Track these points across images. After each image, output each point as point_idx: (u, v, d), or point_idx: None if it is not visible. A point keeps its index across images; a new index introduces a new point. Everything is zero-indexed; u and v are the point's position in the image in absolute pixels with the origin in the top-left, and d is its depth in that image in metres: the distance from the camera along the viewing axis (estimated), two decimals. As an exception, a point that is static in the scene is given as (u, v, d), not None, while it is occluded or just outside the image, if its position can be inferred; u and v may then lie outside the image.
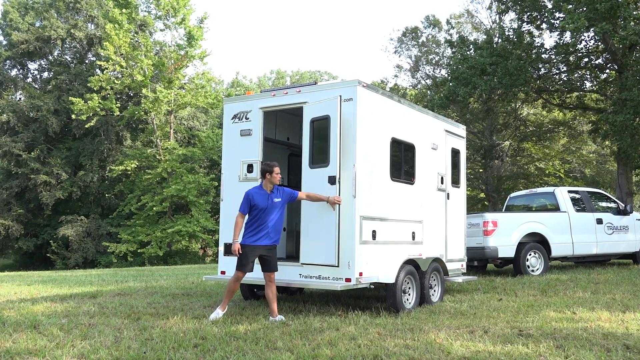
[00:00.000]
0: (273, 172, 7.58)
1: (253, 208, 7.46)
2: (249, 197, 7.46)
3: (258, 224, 7.48)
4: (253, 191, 7.54)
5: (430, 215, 9.53)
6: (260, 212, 7.47)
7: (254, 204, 7.44)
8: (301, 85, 8.54)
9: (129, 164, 32.55)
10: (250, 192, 7.50)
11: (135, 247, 31.91)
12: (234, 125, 8.97)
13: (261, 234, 7.48)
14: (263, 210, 7.47)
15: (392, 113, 8.74)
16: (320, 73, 61.90)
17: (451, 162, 10.38)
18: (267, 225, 7.50)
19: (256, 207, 7.45)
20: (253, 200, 7.44)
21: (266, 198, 7.52)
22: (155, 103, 32.16)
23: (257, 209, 7.46)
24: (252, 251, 7.48)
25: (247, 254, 7.46)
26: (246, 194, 7.50)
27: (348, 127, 7.80)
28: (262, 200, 7.48)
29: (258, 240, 7.48)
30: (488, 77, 23.60)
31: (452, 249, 10.12)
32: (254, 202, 7.44)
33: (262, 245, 7.50)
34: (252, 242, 7.47)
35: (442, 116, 10.69)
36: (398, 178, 8.74)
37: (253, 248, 7.47)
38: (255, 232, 7.48)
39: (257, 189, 7.59)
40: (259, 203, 7.46)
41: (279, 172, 7.65)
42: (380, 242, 8.15)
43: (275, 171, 7.59)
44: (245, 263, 7.46)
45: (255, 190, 7.56)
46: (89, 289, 11.79)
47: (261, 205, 7.46)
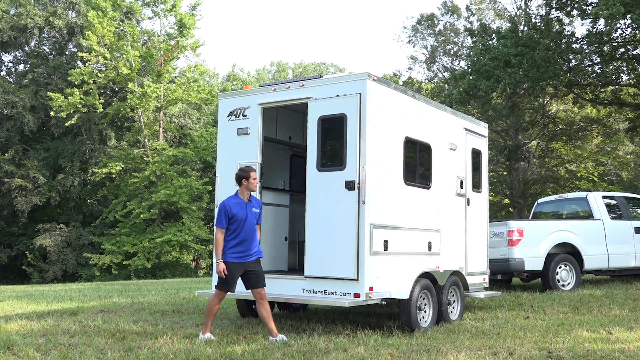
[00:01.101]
0: (250, 177, 7.47)
1: (232, 220, 7.35)
2: (226, 208, 7.34)
3: (241, 238, 7.39)
4: (229, 201, 7.41)
5: (448, 224, 9.51)
6: (240, 224, 7.38)
7: (232, 216, 7.33)
8: (305, 79, 8.55)
9: (114, 166, 32.64)
10: (226, 203, 7.38)
11: (120, 259, 31.96)
12: (230, 123, 8.98)
13: (245, 248, 7.42)
14: (243, 221, 7.38)
15: (406, 110, 8.74)
16: (325, 65, 61.99)
17: (472, 164, 10.36)
18: (249, 238, 7.43)
19: (235, 218, 7.35)
20: (231, 212, 7.33)
21: (244, 207, 7.44)
22: (142, 99, 32.26)
23: (236, 221, 7.36)
24: (238, 269, 7.43)
25: (233, 273, 7.40)
26: (222, 206, 7.38)
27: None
28: (241, 211, 7.39)
29: (244, 257, 7.42)
30: (513, 69, 23.58)
31: (473, 261, 10.10)
32: (232, 214, 7.33)
33: (249, 261, 7.46)
34: (236, 259, 7.40)
35: (462, 113, 10.68)
36: (412, 182, 8.74)
37: (238, 265, 7.42)
38: (238, 248, 7.40)
39: (233, 199, 7.49)
40: (238, 214, 7.36)
41: (256, 177, 7.58)
42: (393, 253, 8.15)
43: (252, 176, 7.49)
44: (231, 282, 7.40)
45: (231, 201, 7.44)
46: (69, 305, 11.81)
47: (240, 216, 7.37)
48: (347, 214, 7.73)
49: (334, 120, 8.01)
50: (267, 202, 9.18)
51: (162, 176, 33.14)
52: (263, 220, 8.81)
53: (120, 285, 19.38)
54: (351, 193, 7.71)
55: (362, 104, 7.82)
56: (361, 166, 7.73)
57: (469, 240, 10.06)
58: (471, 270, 10.03)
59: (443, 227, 9.36)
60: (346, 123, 7.85)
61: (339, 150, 7.96)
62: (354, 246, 7.63)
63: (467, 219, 10.08)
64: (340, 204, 7.79)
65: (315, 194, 8.02)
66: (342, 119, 7.88)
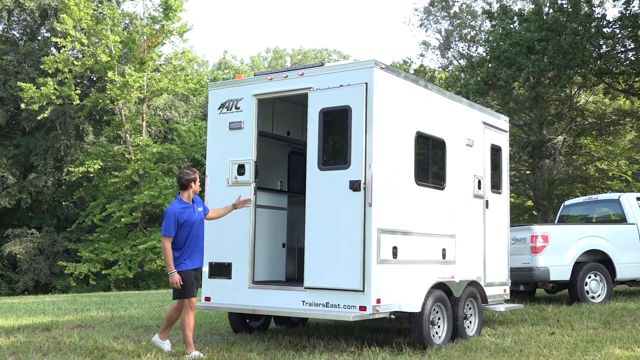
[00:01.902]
0: (197, 179, 7.93)
1: (182, 227, 7.73)
2: (176, 215, 7.68)
3: (192, 243, 7.81)
4: (176, 209, 7.74)
5: (464, 228, 9.51)
6: (190, 229, 7.78)
7: (182, 222, 7.71)
8: (305, 67, 8.55)
9: (92, 164, 32.67)
10: (174, 211, 7.71)
11: (98, 268, 32.00)
12: (222, 117, 8.99)
13: (193, 254, 7.84)
14: (192, 226, 7.79)
15: (418, 101, 8.74)
16: (328, 52, 62.01)
17: (491, 162, 10.37)
18: (198, 242, 7.87)
19: (186, 224, 7.74)
20: (182, 218, 7.71)
21: (192, 211, 7.86)
22: (123, 89, 32.30)
23: (187, 227, 7.75)
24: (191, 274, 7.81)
25: (189, 278, 7.75)
26: (170, 213, 7.70)
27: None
28: (190, 215, 7.80)
29: (196, 262, 7.86)
30: (536, 56, 23.57)
31: (492, 270, 10.10)
32: (182, 220, 7.71)
33: (195, 268, 7.87)
34: (191, 265, 7.80)
35: (480, 105, 10.68)
36: (425, 182, 8.74)
37: (191, 272, 7.81)
38: (190, 253, 7.80)
39: (179, 204, 7.84)
40: (188, 219, 7.75)
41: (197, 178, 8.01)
42: (403, 261, 8.15)
43: (198, 179, 7.98)
44: (191, 288, 7.75)
45: (178, 207, 7.78)
46: (42, 320, 11.82)
47: (190, 220, 7.77)
48: (351, 218, 7.72)
49: (337, 113, 8.01)
50: (263, 204, 9.18)
51: (145, 175, 33.18)
52: (258, 224, 8.84)
53: (99, 297, 19.40)
54: (356, 194, 7.71)
55: (368, 95, 7.82)
56: (367, 164, 7.73)
57: (488, 247, 10.06)
58: (490, 281, 10.02)
59: (459, 232, 9.36)
60: (351, 116, 7.85)
61: (343, 147, 7.96)
62: (359, 254, 7.63)
63: (486, 223, 10.07)
64: (344, 206, 7.78)
65: (316, 195, 8.01)
66: (346, 112, 7.88)
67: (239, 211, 8.59)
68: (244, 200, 8.42)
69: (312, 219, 8.01)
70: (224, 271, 8.68)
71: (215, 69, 53.44)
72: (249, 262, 8.53)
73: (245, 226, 8.59)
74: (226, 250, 8.72)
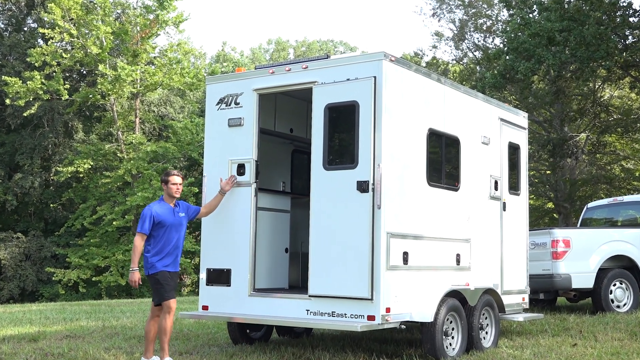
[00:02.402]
0: (169, 182, 7.99)
1: (157, 226, 7.85)
2: (151, 213, 7.83)
3: (163, 245, 7.87)
4: (154, 206, 7.92)
5: (480, 232, 9.51)
6: (166, 231, 7.88)
7: (158, 222, 7.83)
8: (309, 60, 8.56)
9: (81, 163, 32.73)
10: (151, 208, 7.88)
11: (88, 274, 32.06)
12: (220, 113, 9.01)
13: (170, 257, 7.90)
14: (169, 228, 7.89)
15: (430, 96, 8.74)
16: (334, 43, 62.02)
17: (508, 161, 10.36)
18: (174, 246, 7.94)
19: (162, 224, 7.85)
20: (158, 217, 7.82)
21: (171, 213, 7.97)
22: (115, 84, 32.37)
23: (162, 227, 7.86)
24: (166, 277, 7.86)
25: (168, 280, 7.84)
26: (145, 210, 7.86)
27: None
28: (167, 216, 7.91)
29: (168, 266, 7.88)
30: (557, 47, 23.53)
31: (509, 277, 10.09)
32: (159, 219, 7.82)
33: (171, 271, 7.92)
34: (167, 267, 7.88)
35: (496, 100, 10.67)
36: (437, 182, 8.74)
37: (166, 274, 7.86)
38: (168, 256, 7.88)
39: (159, 203, 8.00)
40: (165, 219, 7.88)
41: (177, 182, 8.02)
42: (414, 267, 8.15)
43: (172, 181, 8.00)
44: (169, 289, 7.83)
45: (157, 205, 7.94)
46: (28, 330, 11.85)
47: (167, 221, 7.88)
48: (359, 221, 7.73)
49: (343, 109, 8.02)
50: (264, 206, 9.19)
51: (139, 176, 33.23)
52: (259, 228, 8.84)
53: (89, 306, 19.44)
54: (364, 196, 7.72)
55: (377, 89, 7.82)
56: (376, 164, 7.73)
57: (505, 252, 10.05)
58: (508, 288, 10.01)
59: (474, 237, 9.35)
60: (358, 112, 7.85)
61: (350, 145, 7.96)
62: (367, 259, 7.63)
63: (503, 226, 10.07)
64: (351, 208, 7.79)
65: (321, 196, 8.02)
66: (354, 108, 7.89)
67: (238, 214, 8.60)
68: (229, 180, 8.56)
69: (317, 222, 8.01)
70: (223, 278, 8.70)
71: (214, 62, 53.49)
72: (249, 269, 8.53)
73: (246, 230, 8.60)
74: (225, 256, 8.73)
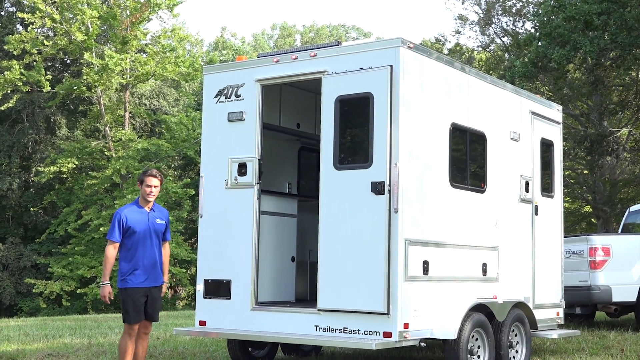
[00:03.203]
0: (144, 182, 7.85)
1: (128, 233, 7.74)
2: (120, 217, 7.74)
3: (136, 256, 7.77)
4: (126, 210, 7.85)
5: (509, 239, 9.50)
6: (139, 239, 7.75)
7: (129, 227, 7.72)
8: (318, 47, 8.57)
9: (65, 163, 32.77)
10: (121, 212, 7.80)
11: (73, 286, 32.08)
12: (219, 107, 9.02)
13: (144, 272, 7.78)
14: (142, 235, 7.76)
15: (453, 87, 8.73)
16: (345, 29, 62.03)
17: (541, 160, 10.35)
18: (153, 257, 7.82)
19: (133, 230, 7.73)
20: (127, 222, 7.72)
21: (145, 218, 7.84)
22: (102, 74, 32.40)
23: (134, 235, 7.74)
24: (142, 294, 7.78)
25: (136, 300, 7.74)
26: (116, 215, 7.77)
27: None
28: (140, 222, 7.79)
29: (147, 281, 7.80)
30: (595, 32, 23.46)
31: (542, 289, 10.07)
32: (129, 225, 7.72)
33: (153, 287, 7.86)
34: (139, 283, 7.77)
35: (527, 91, 10.65)
36: (461, 183, 8.74)
37: (141, 291, 7.77)
38: (139, 269, 7.77)
39: (131, 206, 7.89)
40: (137, 225, 7.76)
41: (152, 184, 7.85)
42: (435, 278, 8.14)
43: (147, 182, 7.84)
44: (137, 311, 7.75)
45: (129, 209, 7.85)
46: (6, 348, 11.88)
47: (140, 228, 7.76)
48: (374, 226, 7.73)
49: (356, 102, 8.03)
50: (268, 210, 9.19)
51: (128, 176, 33.27)
52: (263, 234, 8.83)
53: (74, 321, 19.48)
54: (379, 198, 7.72)
55: (393, 79, 7.82)
56: (393, 163, 7.73)
57: (538, 261, 10.03)
58: (540, 302, 9.99)
59: (502, 244, 9.34)
60: (373, 105, 7.86)
61: (364, 142, 7.97)
62: (383, 269, 7.63)
63: (535, 232, 10.05)
64: (364, 212, 7.79)
65: (331, 199, 8.03)
66: (368, 100, 7.89)
67: (239, 219, 8.62)
68: None
69: (327, 227, 8.02)
70: (222, 290, 8.71)
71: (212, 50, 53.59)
72: (251, 280, 8.54)
73: (247, 236, 8.61)
74: (224, 266, 8.75)
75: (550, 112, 10.79)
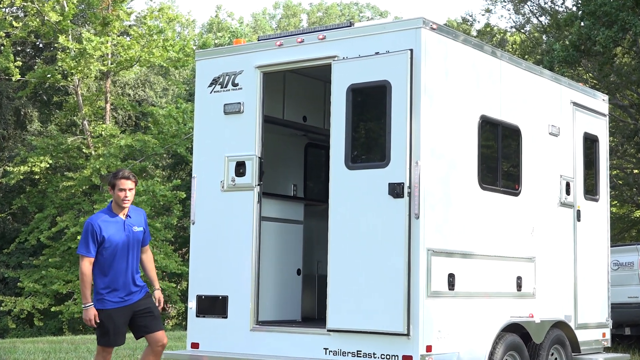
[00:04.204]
0: (116, 185, 7.67)
1: (104, 246, 7.61)
2: (93, 228, 7.60)
3: (113, 272, 7.65)
4: (99, 219, 7.69)
5: (547, 249, 9.49)
6: (116, 252, 7.64)
7: (102, 239, 7.59)
8: (327, 29, 8.58)
9: (37, 162, 32.80)
10: (93, 222, 7.66)
11: (46, 304, 32.11)
12: (214, 97, 9.05)
13: (127, 287, 7.68)
14: (119, 248, 7.65)
15: (482, 74, 8.74)
16: (358, 7, 62.03)
17: (584, 158, 10.34)
18: (131, 270, 7.72)
19: (108, 243, 7.60)
20: (102, 232, 7.59)
21: (121, 227, 7.72)
22: (80, 60, 32.46)
23: (110, 247, 7.62)
24: (123, 314, 7.68)
25: (115, 321, 7.64)
26: (87, 225, 7.63)
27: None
28: (115, 232, 7.66)
29: (127, 299, 7.70)
30: (647, 11, 23.42)
31: (586, 306, 10.06)
32: (103, 235, 7.59)
33: (136, 301, 7.75)
34: (118, 303, 7.65)
35: (568, 79, 10.64)
36: (492, 185, 8.74)
37: (121, 311, 7.67)
38: (113, 287, 7.65)
39: (104, 214, 7.77)
40: (113, 237, 7.63)
41: (126, 187, 7.66)
42: (462, 293, 8.15)
43: (119, 185, 7.65)
44: (115, 332, 7.66)
45: (101, 218, 7.72)
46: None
47: (117, 239, 7.64)
48: (391, 234, 7.73)
49: (371, 91, 8.05)
50: (270, 216, 9.20)
51: (110, 177, 33.30)
52: (264, 243, 8.83)
53: (48, 344, 19.51)
54: (398, 202, 7.71)
55: (414, 65, 7.81)
56: (413, 161, 7.73)
57: (580, 274, 10.02)
58: (584, 321, 9.98)
59: (540, 255, 9.33)
60: (390, 95, 7.85)
61: (379, 137, 7.98)
62: (402, 284, 7.62)
63: (577, 241, 10.04)
64: (381, 218, 7.80)
65: (343, 203, 8.04)
66: (384, 89, 7.90)
67: (237, 225, 8.63)
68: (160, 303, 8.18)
69: (338, 236, 8.03)
70: (218, 308, 8.72)
71: (205, 32, 53.65)
72: (251, 296, 8.56)
73: (247, 246, 8.62)
74: (220, 280, 8.77)
75: (595, 102, 10.77)
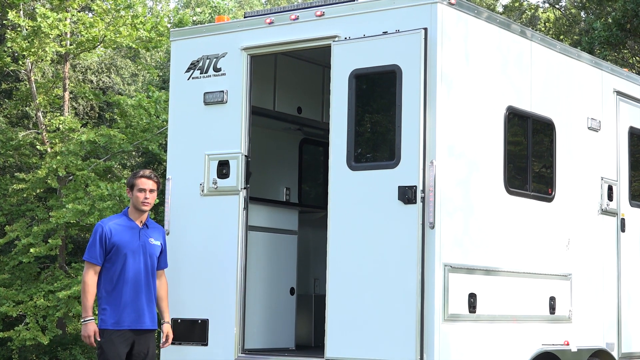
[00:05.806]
0: (135, 186, 7.75)
1: (113, 253, 7.63)
2: (103, 231, 7.66)
3: (121, 284, 7.67)
4: (111, 222, 7.79)
5: (586, 264, 9.52)
6: (125, 262, 7.66)
7: (113, 245, 7.62)
8: (327, 4, 8.58)
9: (-17, 161, 32.95)
10: (103, 225, 7.72)
11: (-6, 328, 32.25)
12: (192, 84, 9.08)
13: (131, 307, 7.69)
14: (130, 257, 7.67)
15: (509, 58, 8.76)
16: (363, -22, 62.03)
17: (629, 157, 10.37)
18: (142, 288, 7.74)
19: (119, 251, 7.63)
20: (112, 238, 7.62)
21: (137, 234, 7.76)
22: (34, 40, 32.53)
23: (121, 255, 7.64)
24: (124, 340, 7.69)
25: (116, 346, 7.64)
26: (97, 228, 7.70)
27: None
28: (130, 239, 7.71)
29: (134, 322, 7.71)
30: None
31: (631, 332, 10.09)
32: (113, 242, 7.62)
33: (140, 330, 7.76)
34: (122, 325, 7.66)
35: (611, 64, 10.66)
36: (521, 189, 8.76)
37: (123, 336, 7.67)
38: (118, 303, 7.66)
39: (119, 218, 7.84)
40: (125, 244, 7.67)
41: (147, 187, 7.74)
42: (485, 317, 8.17)
43: (139, 185, 7.73)
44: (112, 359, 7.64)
45: (114, 221, 7.79)
46: None
47: (129, 247, 7.67)
48: (402, 247, 7.75)
49: (378, 78, 8.09)
50: (258, 225, 9.22)
51: (69, 179, 33.38)
52: (251, 257, 8.84)
53: (-5, 376, 19.62)
54: (410, 209, 7.72)
55: (429, 48, 7.82)
56: (428, 161, 7.74)
57: (625, 293, 10.05)
58: (629, 350, 10.01)
59: (577, 271, 9.35)
60: (400, 83, 7.86)
61: (388, 132, 8.00)
62: (415, 305, 7.64)
63: (621, 255, 10.06)
64: (389, 228, 7.82)
65: (344, 210, 8.06)
66: (394, 76, 7.91)
67: (219, 236, 8.64)
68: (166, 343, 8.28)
69: (338, 249, 8.05)
70: (196, 333, 8.74)
71: (182, 7, 53.73)
72: (235, 319, 8.57)
73: (231, 260, 8.63)
74: (199, 300, 8.79)
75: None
